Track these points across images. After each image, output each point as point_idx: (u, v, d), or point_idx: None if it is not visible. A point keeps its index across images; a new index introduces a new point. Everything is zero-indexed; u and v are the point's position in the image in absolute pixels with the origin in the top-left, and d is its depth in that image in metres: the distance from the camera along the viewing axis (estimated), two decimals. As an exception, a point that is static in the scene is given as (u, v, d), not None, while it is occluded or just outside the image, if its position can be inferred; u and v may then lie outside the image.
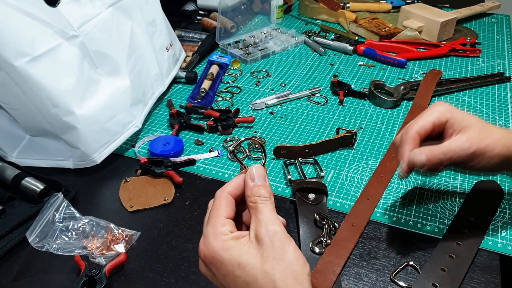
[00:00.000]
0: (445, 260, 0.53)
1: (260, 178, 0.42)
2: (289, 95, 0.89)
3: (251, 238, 0.39)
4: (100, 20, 0.68)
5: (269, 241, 0.38)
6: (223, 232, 0.40)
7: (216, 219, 0.41)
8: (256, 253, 0.38)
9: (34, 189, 0.62)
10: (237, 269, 0.38)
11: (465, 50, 1.06)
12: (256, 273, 0.37)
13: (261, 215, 0.40)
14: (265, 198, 0.41)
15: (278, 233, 0.38)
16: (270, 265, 0.37)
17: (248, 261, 0.38)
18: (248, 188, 0.42)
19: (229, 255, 0.38)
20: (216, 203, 0.42)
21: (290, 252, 0.38)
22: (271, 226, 0.39)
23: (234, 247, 0.39)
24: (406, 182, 0.67)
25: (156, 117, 0.85)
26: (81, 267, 0.52)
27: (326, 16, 1.29)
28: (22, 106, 0.64)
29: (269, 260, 0.37)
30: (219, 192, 0.43)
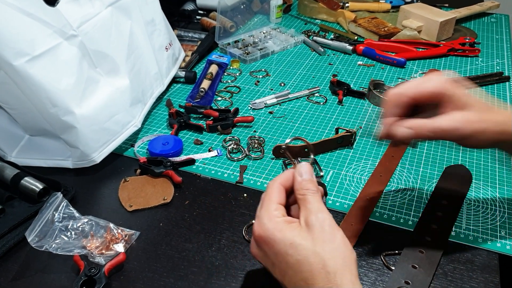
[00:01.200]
0: (423, 242, 0.55)
1: (308, 174, 0.46)
2: (289, 94, 0.89)
3: (302, 224, 0.42)
4: (100, 19, 0.68)
5: (320, 226, 0.41)
6: (276, 215, 0.43)
7: (269, 203, 0.45)
8: (307, 235, 0.41)
9: (33, 189, 0.62)
10: (289, 248, 0.41)
11: (464, 50, 1.06)
12: (308, 253, 0.40)
13: (310, 205, 0.43)
14: (313, 190, 0.45)
15: (328, 220, 0.42)
16: (321, 247, 0.40)
17: (300, 241, 0.41)
18: (297, 182, 0.46)
19: (282, 235, 0.41)
20: (269, 191, 0.46)
21: (339, 237, 0.41)
22: (320, 213, 0.42)
23: (287, 229, 0.42)
24: (405, 182, 0.67)
25: (155, 116, 0.85)
26: (80, 267, 0.52)
27: (325, 16, 1.29)
28: (21, 105, 0.64)
29: (320, 243, 0.40)
30: (271, 182, 0.47)
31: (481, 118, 0.48)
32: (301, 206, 0.44)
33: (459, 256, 0.55)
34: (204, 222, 0.60)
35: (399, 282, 0.51)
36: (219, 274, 0.53)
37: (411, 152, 0.73)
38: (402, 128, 0.49)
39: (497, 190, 0.65)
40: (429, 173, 0.68)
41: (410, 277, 0.51)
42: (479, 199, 0.63)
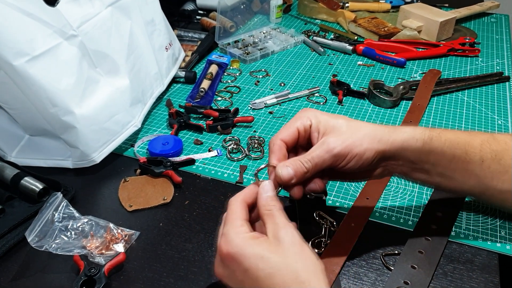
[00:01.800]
0: (422, 243, 0.55)
1: (271, 191, 0.46)
2: (289, 94, 0.89)
3: (271, 238, 0.42)
4: (100, 19, 0.68)
5: (289, 239, 0.41)
6: (243, 230, 0.43)
7: (234, 220, 0.44)
8: (277, 249, 0.40)
9: (33, 189, 0.62)
10: (260, 262, 0.40)
11: (464, 50, 1.06)
12: (280, 266, 0.39)
13: (277, 219, 0.43)
14: (279, 207, 0.44)
15: (296, 235, 0.42)
16: (293, 259, 0.40)
17: (270, 255, 0.40)
18: (262, 198, 0.45)
19: (251, 249, 0.41)
20: (232, 207, 0.45)
21: (308, 250, 0.41)
22: (289, 228, 0.42)
23: (256, 244, 0.41)
24: (405, 182, 0.67)
25: (155, 116, 0.85)
26: (80, 267, 0.52)
27: (325, 16, 1.29)
28: (21, 105, 0.64)
29: (291, 256, 0.40)
30: (234, 198, 0.46)
31: (345, 135, 0.49)
32: (267, 221, 0.43)
33: (459, 256, 0.55)
34: (204, 222, 0.60)
35: (398, 282, 0.51)
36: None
37: (411, 152, 0.73)
38: (282, 168, 0.48)
39: (497, 190, 0.65)
40: (429, 173, 0.68)
41: (409, 277, 0.51)
42: (479, 199, 0.63)
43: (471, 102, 0.87)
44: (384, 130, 0.50)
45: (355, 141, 0.48)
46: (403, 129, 0.50)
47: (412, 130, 0.50)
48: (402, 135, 0.49)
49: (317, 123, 0.51)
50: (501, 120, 0.81)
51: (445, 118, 0.82)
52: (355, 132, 0.49)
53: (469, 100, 0.88)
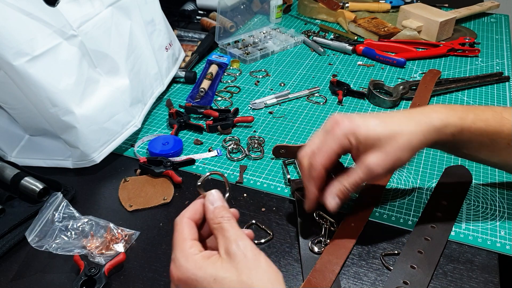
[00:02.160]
0: (421, 243, 0.55)
1: (219, 201, 0.44)
2: (288, 94, 0.89)
3: (222, 255, 0.40)
4: (99, 19, 0.68)
5: (242, 253, 0.39)
6: (193, 252, 0.40)
7: (182, 242, 0.41)
8: (230, 267, 0.38)
9: (33, 189, 0.62)
10: (213, 284, 0.38)
11: (464, 50, 1.06)
12: (234, 285, 0.37)
13: (228, 233, 0.41)
14: (228, 217, 0.42)
15: (249, 246, 0.40)
16: (246, 275, 0.38)
17: (224, 275, 0.38)
18: (209, 211, 0.43)
19: (203, 272, 0.38)
20: (178, 228, 0.43)
21: (263, 261, 0.39)
22: (240, 241, 0.40)
23: (207, 265, 0.39)
24: (405, 183, 0.67)
25: (155, 116, 0.85)
26: (81, 267, 0.52)
27: (325, 16, 1.29)
28: (21, 105, 0.64)
29: (245, 271, 0.38)
30: (179, 218, 0.44)
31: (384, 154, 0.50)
32: (218, 235, 0.41)
33: (458, 256, 0.55)
34: (204, 222, 0.60)
35: (398, 282, 0.51)
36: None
37: (411, 152, 0.73)
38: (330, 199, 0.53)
39: (497, 190, 0.65)
40: (429, 173, 0.68)
41: (408, 277, 0.51)
42: (479, 199, 0.63)
43: (471, 102, 0.87)
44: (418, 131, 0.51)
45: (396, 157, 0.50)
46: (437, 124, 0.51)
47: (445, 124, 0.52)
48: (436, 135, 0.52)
49: (357, 144, 0.51)
50: (501, 120, 0.81)
51: (445, 118, 0.82)
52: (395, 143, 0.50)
53: (469, 100, 0.88)
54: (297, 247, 0.56)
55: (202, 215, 0.44)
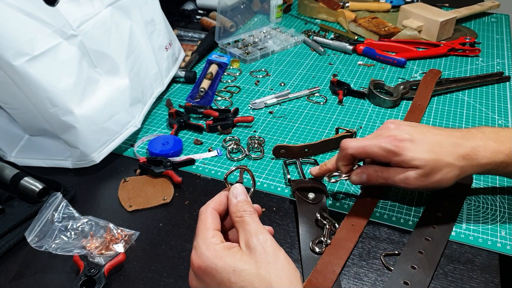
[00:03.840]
0: (422, 243, 0.55)
1: (242, 195, 0.45)
2: (289, 94, 0.89)
3: (242, 248, 0.40)
4: (99, 19, 0.68)
5: (261, 248, 0.40)
6: (214, 242, 0.41)
7: (205, 231, 0.42)
8: (250, 259, 0.39)
9: (33, 189, 0.62)
10: (232, 275, 0.39)
11: (464, 50, 1.06)
12: (252, 278, 0.38)
13: (249, 226, 0.42)
14: (250, 211, 0.43)
15: (269, 240, 0.40)
16: (265, 269, 0.38)
17: (243, 267, 0.39)
18: (232, 204, 0.44)
19: (223, 262, 0.39)
20: (202, 217, 0.44)
21: (282, 257, 0.40)
22: (261, 235, 0.41)
23: (227, 255, 0.40)
24: (405, 182, 0.67)
25: (155, 116, 0.85)
26: (80, 267, 0.52)
27: (325, 16, 1.29)
28: (21, 105, 0.64)
29: (263, 265, 0.39)
30: (204, 208, 0.45)
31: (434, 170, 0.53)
32: (239, 229, 0.42)
33: (459, 256, 0.55)
34: (204, 222, 0.60)
35: (398, 282, 0.50)
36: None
37: (411, 152, 0.73)
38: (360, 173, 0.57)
39: (497, 190, 0.65)
40: (429, 173, 0.68)
41: (409, 277, 0.51)
42: (479, 199, 0.63)
43: (472, 102, 0.87)
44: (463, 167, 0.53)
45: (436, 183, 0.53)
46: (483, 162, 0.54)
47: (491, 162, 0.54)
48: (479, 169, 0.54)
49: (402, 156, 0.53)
50: (502, 120, 0.81)
51: (445, 118, 0.82)
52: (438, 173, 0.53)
53: (470, 100, 0.88)
54: (298, 247, 0.56)
55: (226, 206, 0.45)
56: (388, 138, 0.54)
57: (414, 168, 0.53)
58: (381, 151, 0.54)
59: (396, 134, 0.54)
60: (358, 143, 0.56)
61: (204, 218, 0.43)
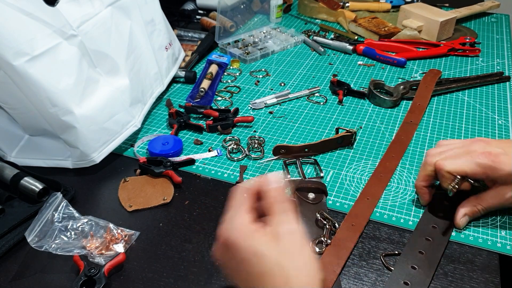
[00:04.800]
0: (422, 243, 0.55)
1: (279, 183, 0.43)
2: (289, 94, 0.89)
3: (271, 233, 0.40)
4: (99, 19, 0.68)
5: (289, 238, 0.39)
6: (245, 221, 0.41)
7: (238, 208, 0.42)
8: (274, 246, 0.38)
9: (33, 189, 0.62)
10: (253, 258, 0.38)
11: (464, 50, 1.06)
12: (272, 266, 0.38)
13: (282, 215, 0.41)
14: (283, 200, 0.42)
15: (298, 233, 0.40)
16: (287, 260, 0.38)
17: (265, 252, 0.38)
18: (269, 190, 0.43)
19: (248, 243, 0.39)
20: (237, 196, 0.43)
21: (307, 254, 0.39)
22: (291, 225, 0.40)
23: (254, 237, 0.39)
24: (405, 182, 0.67)
25: (155, 116, 0.85)
26: (80, 267, 0.52)
27: (325, 16, 1.29)
28: (21, 105, 0.64)
29: (286, 256, 0.38)
30: (241, 184, 0.44)
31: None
32: (272, 214, 0.41)
33: (459, 256, 0.55)
34: (204, 222, 0.60)
35: (398, 283, 0.50)
36: (219, 274, 0.53)
37: (411, 152, 0.73)
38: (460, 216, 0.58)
39: (498, 190, 0.65)
40: (429, 173, 0.68)
41: (409, 278, 0.51)
42: (480, 199, 0.63)
43: (472, 102, 0.87)
44: None
45: None
46: None
47: None
48: None
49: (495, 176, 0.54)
50: (502, 120, 0.81)
51: (445, 118, 0.82)
52: None
53: (470, 100, 0.88)
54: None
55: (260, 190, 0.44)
56: (483, 154, 0.54)
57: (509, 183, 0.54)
58: (478, 167, 0.54)
59: (490, 150, 0.55)
60: (454, 162, 0.56)
61: (238, 197, 0.43)
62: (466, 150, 0.57)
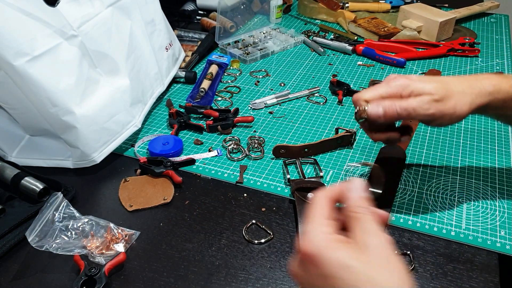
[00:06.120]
0: None
1: (362, 191, 0.41)
2: (289, 94, 0.89)
3: (358, 243, 0.37)
4: (100, 19, 0.68)
5: (379, 250, 0.36)
6: (328, 231, 0.38)
7: (319, 218, 0.39)
8: (363, 258, 0.36)
9: (33, 189, 0.62)
10: (339, 270, 0.36)
11: (464, 50, 1.06)
12: (360, 277, 0.35)
13: (368, 225, 0.38)
14: (369, 210, 0.40)
15: (387, 245, 0.37)
16: (376, 272, 0.35)
17: (352, 263, 0.36)
18: (352, 198, 0.40)
19: (336, 256, 0.36)
20: (318, 203, 0.41)
21: (399, 265, 0.36)
22: (380, 236, 0.37)
23: (338, 248, 0.37)
24: (405, 182, 0.67)
25: (155, 116, 0.85)
26: (81, 267, 0.52)
27: (325, 16, 1.29)
28: (22, 105, 0.64)
29: (376, 268, 0.36)
30: (319, 194, 0.42)
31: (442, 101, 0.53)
32: (355, 225, 0.38)
33: (459, 256, 0.55)
34: (204, 222, 0.61)
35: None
36: (219, 274, 0.53)
37: (411, 152, 0.73)
38: (376, 106, 0.53)
39: (497, 190, 0.65)
40: (429, 173, 0.68)
41: None
42: (479, 199, 0.63)
43: (471, 102, 0.87)
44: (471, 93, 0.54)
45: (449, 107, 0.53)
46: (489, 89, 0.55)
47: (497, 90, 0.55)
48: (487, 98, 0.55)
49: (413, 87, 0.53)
50: (501, 120, 0.82)
51: (445, 118, 0.82)
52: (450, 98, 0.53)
53: (469, 100, 0.88)
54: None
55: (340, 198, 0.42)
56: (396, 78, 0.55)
57: (427, 94, 0.53)
58: (391, 88, 0.54)
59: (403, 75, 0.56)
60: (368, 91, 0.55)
61: (319, 205, 0.40)
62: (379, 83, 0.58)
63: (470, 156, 0.72)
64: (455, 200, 0.63)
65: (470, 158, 0.72)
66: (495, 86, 0.55)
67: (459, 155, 0.72)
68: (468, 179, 0.67)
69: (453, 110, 0.53)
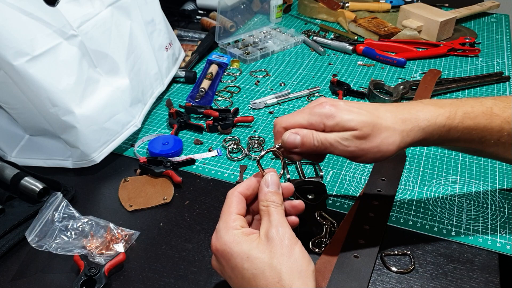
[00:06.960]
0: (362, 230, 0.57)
1: (274, 186, 0.46)
2: (289, 94, 0.89)
3: (261, 236, 0.42)
4: (100, 19, 0.68)
5: (279, 239, 0.41)
6: (234, 227, 0.43)
7: (228, 215, 0.44)
8: (265, 248, 0.41)
9: (33, 189, 0.62)
10: (245, 262, 0.40)
11: (464, 50, 1.06)
12: (264, 267, 0.40)
13: (272, 217, 0.43)
14: (277, 203, 0.44)
15: (287, 234, 0.42)
16: (278, 261, 0.40)
17: (256, 255, 0.40)
18: (262, 193, 0.46)
19: (239, 248, 0.41)
20: (228, 201, 0.46)
21: (297, 251, 0.41)
22: (281, 227, 0.42)
23: (244, 242, 0.41)
24: (405, 182, 0.67)
25: (155, 116, 0.85)
26: (80, 267, 0.52)
27: (325, 16, 1.29)
28: (21, 105, 0.64)
29: (277, 256, 0.40)
30: (231, 191, 0.46)
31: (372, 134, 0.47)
32: (263, 217, 0.44)
33: (459, 256, 0.55)
34: (204, 222, 0.60)
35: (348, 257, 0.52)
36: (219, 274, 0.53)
37: (410, 152, 0.73)
38: (293, 134, 0.48)
39: (497, 190, 0.65)
40: (429, 173, 0.68)
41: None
42: (479, 199, 0.63)
43: (471, 102, 0.87)
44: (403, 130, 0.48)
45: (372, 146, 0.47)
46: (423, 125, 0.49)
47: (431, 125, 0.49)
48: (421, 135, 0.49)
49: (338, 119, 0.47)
50: (501, 120, 0.81)
51: (445, 118, 0.82)
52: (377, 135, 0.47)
53: (469, 100, 0.88)
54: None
55: (255, 191, 0.47)
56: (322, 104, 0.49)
57: (350, 130, 0.47)
58: (315, 116, 0.48)
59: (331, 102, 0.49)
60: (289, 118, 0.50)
61: (229, 202, 0.45)
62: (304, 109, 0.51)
63: (470, 156, 0.72)
64: (455, 200, 0.63)
65: (470, 158, 0.71)
66: (430, 120, 0.49)
67: (459, 155, 0.72)
68: (468, 179, 0.67)
69: (377, 149, 0.47)
